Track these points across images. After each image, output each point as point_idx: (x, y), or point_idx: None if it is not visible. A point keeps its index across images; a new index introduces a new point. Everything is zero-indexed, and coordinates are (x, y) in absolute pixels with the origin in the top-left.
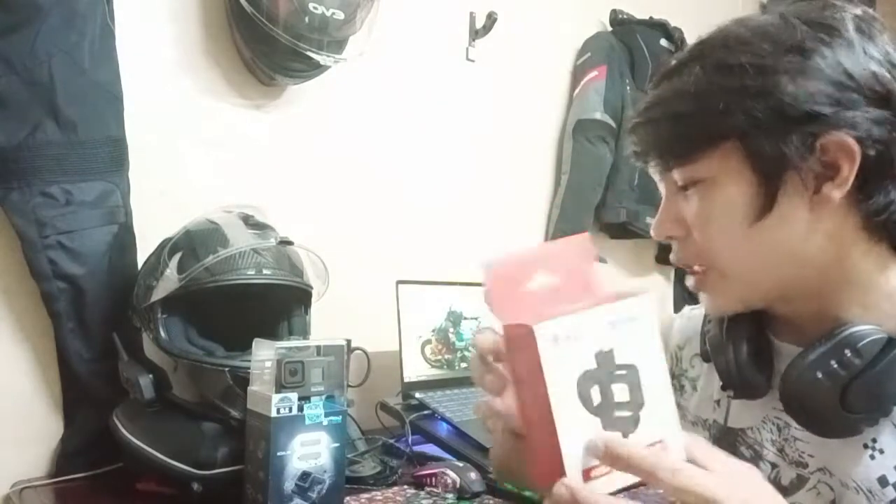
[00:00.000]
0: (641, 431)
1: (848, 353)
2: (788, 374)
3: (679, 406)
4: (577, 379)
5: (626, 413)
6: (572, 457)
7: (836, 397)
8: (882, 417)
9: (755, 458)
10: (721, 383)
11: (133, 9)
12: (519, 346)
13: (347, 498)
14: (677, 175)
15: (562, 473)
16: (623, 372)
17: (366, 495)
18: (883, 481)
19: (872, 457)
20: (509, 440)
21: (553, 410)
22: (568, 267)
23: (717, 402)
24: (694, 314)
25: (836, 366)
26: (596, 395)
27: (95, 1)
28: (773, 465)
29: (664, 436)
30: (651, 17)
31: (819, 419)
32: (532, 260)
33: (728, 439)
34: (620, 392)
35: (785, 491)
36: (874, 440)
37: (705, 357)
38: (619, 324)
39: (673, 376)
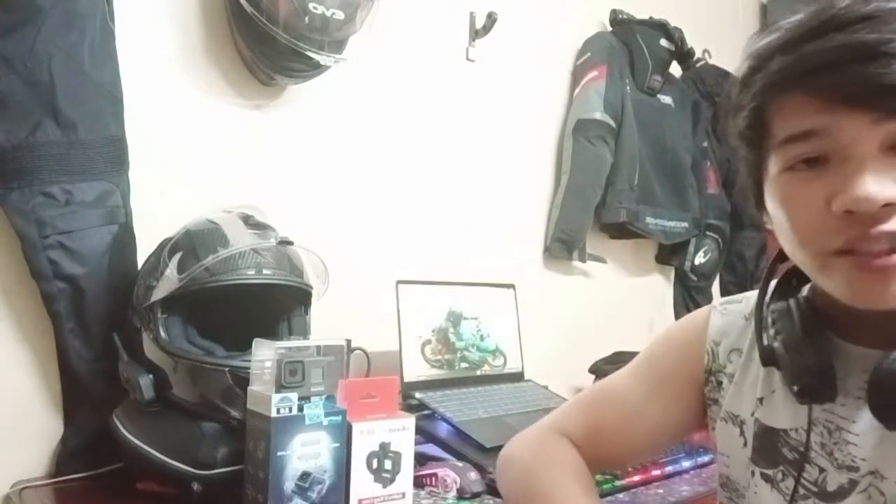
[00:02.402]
0: (393, 487)
1: None
2: (878, 377)
3: (716, 402)
4: (366, 454)
5: (388, 476)
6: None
7: None
8: None
9: (799, 461)
10: (793, 385)
11: (133, 9)
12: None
13: None
14: None
15: None
16: (392, 454)
17: None
18: None
19: None
20: None
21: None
22: (383, 393)
23: (761, 399)
24: (730, 308)
25: None
26: (373, 464)
27: (95, 1)
28: (821, 469)
29: (406, 490)
30: (651, 17)
31: None
32: (365, 384)
33: (769, 438)
34: (388, 464)
35: (831, 496)
36: None
37: (765, 357)
38: (396, 430)
39: (710, 372)
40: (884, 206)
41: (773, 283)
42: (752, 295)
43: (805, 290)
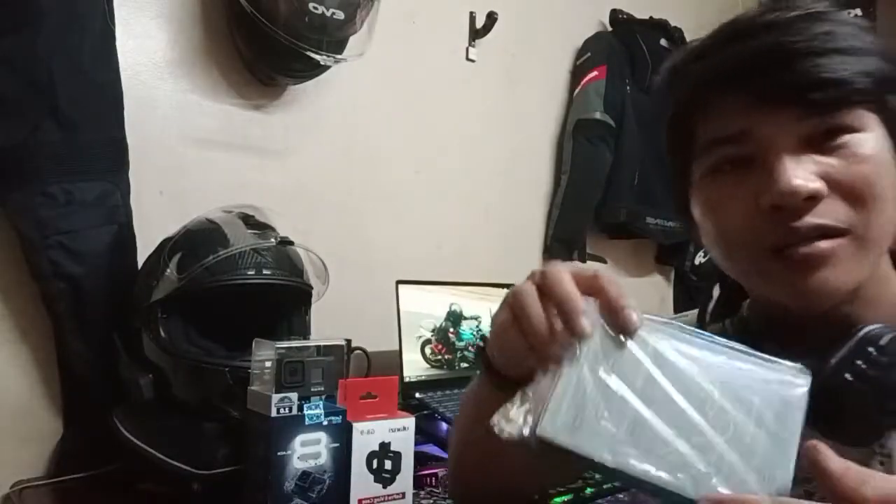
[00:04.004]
0: (393, 487)
1: (873, 351)
2: (816, 379)
3: None
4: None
5: (388, 476)
6: None
7: (872, 398)
8: None
9: None
10: None
11: (133, 9)
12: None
13: None
14: (838, 120)
15: None
16: (392, 454)
17: None
18: None
19: (882, 462)
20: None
21: None
22: (383, 392)
23: None
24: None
25: (864, 366)
26: (373, 464)
27: (95, 1)
28: None
29: (406, 490)
30: (651, 17)
31: (852, 425)
32: (365, 384)
33: None
34: (388, 464)
35: None
36: (881, 445)
37: None
38: (396, 430)
39: None
40: (808, 198)
41: (713, 302)
42: (695, 312)
43: (746, 306)
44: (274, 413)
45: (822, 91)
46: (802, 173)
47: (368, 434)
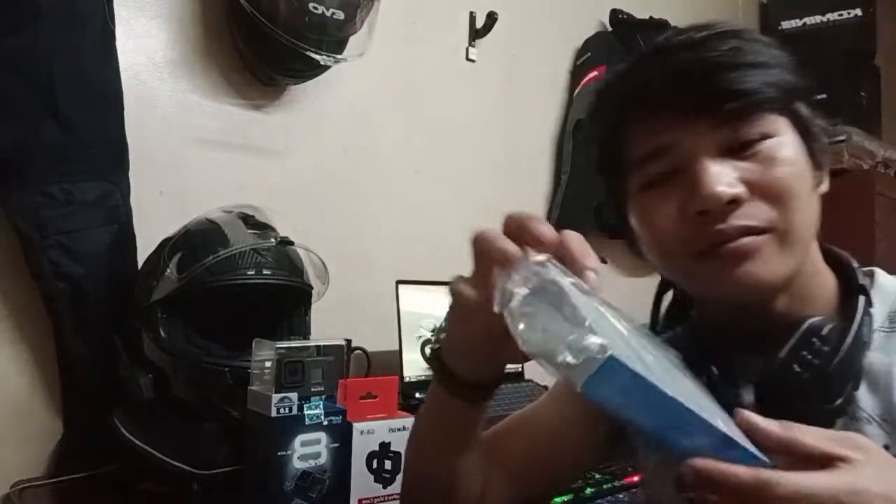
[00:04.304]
0: (393, 487)
1: (816, 341)
2: (767, 374)
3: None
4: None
5: (388, 476)
6: None
7: (818, 386)
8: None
9: None
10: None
11: (133, 9)
12: None
13: None
14: (753, 128)
15: None
16: (392, 454)
17: None
18: None
19: None
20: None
21: None
22: (383, 392)
23: None
24: None
25: (810, 356)
26: (373, 464)
27: (95, 1)
28: None
29: None
30: (651, 17)
31: (804, 414)
32: (365, 384)
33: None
34: (388, 464)
35: None
36: None
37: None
38: (396, 430)
39: None
40: (730, 202)
41: (664, 309)
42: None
43: (694, 312)
44: (274, 413)
45: (733, 102)
46: (724, 179)
47: (368, 434)
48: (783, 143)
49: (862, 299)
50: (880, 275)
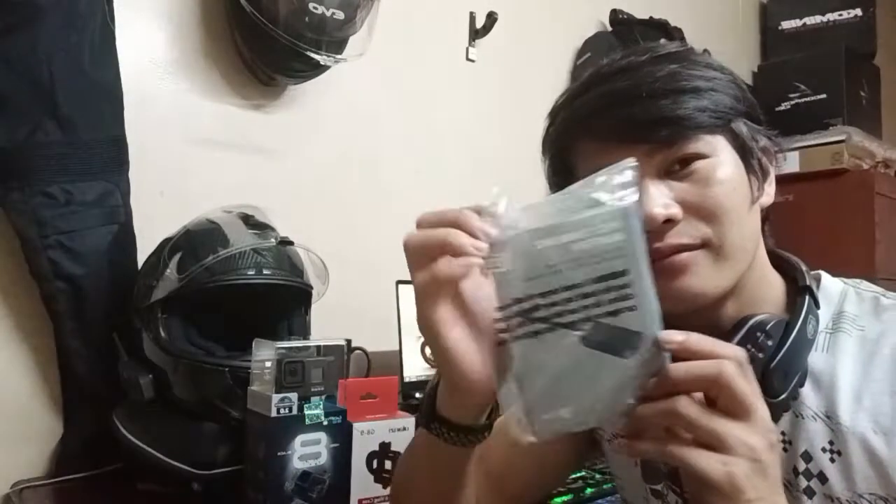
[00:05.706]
0: None
1: (760, 336)
2: None
3: (602, 428)
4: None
5: (388, 476)
6: None
7: (763, 381)
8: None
9: (674, 472)
10: None
11: (133, 9)
12: None
13: None
14: (688, 150)
15: None
16: (392, 454)
17: None
18: (795, 471)
19: (785, 449)
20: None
21: None
22: (383, 392)
23: None
24: None
25: (753, 350)
26: (373, 464)
27: (95, 1)
28: None
29: None
30: (651, 17)
31: None
32: (365, 384)
33: None
34: (388, 464)
35: None
36: (783, 433)
37: None
38: (396, 430)
39: None
40: (666, 221)
41: None
42: None
43: None
44: (274, 413)
45: (665, 128)
46: (659, 201)
47: (368, 434)
48: (719, 163)
49: (808, 298)
50: (825, 278)
